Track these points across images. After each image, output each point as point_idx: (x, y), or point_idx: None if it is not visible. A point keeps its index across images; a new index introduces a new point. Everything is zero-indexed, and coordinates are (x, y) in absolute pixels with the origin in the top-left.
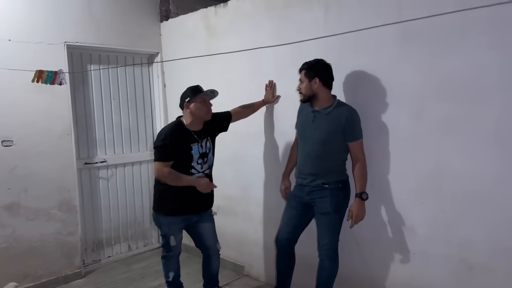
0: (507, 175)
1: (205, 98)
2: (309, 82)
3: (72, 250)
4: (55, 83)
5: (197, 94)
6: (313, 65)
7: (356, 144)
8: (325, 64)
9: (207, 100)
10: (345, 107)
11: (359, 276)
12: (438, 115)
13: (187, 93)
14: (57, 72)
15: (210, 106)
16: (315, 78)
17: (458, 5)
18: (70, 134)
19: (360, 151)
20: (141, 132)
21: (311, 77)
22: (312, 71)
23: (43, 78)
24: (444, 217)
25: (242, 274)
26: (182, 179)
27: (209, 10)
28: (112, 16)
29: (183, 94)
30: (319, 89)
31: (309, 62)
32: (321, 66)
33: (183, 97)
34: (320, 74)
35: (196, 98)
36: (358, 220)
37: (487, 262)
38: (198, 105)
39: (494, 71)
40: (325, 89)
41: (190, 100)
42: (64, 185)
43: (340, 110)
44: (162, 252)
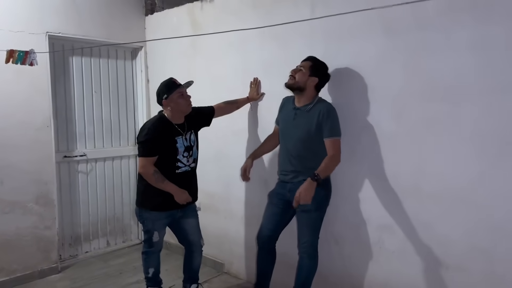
0: (484, 176)
1: (182, 91)
2: (309, 76)
3: (49, 244)
4: (26, 63)
5: (173, 90)
6: (321, 66)
7: (330, 141)
8: (329, 73)
9: (184, 93)
10: (323, 103)
11: (338, 274)
12: (419, 116)
13: (162, 89)
14: (28, 52)
15: (189, 98)
16: (316, 78)
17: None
18: (49, 127)
19: (332, 148)
20: (123, 127)
21: (313, 73)
22: (318, 70)
23: (14, 58)
24: (422, 217)
25: (221, 271)
26: (164, 183)
27: (195, 5)
28: (96, 8)
29: (159, 91)
30: (310, 88)
31: (318, 60)
32: (326, 73)
33: (159, 94)
34: (322, 78)
35: (173, 93)
36: (302, 201)
37: (463, 261)
38: (176, 100)
39: (474, 73)
40: (314, 91)
41: (167, 97)
42: (42, 178)
43: (318, 106)
44: (143, 248)
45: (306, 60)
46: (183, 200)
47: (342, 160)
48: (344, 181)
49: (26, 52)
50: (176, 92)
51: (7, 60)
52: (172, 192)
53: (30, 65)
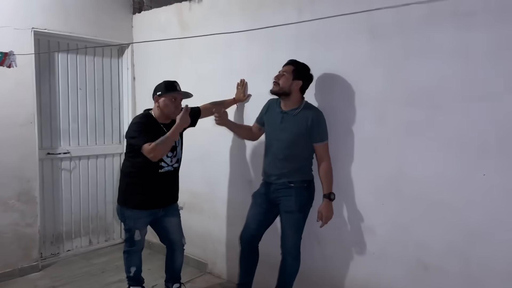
0: (463, 180)
1: (176, 97)
2: (292, 79)
3: (30, 242)
4: (4, 65)
5: (170, 92)
6: (303, 68)
7: (322, 146)
8: (311, 74)
9: (177, 100)
10: (312, 109)
11: (319, 274)
12: (401, 120)
13: (161, 86)
14: (7, 54)
15: (179, 107)
16: (300, 80)
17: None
18: (33, 123)
19: (325, 152)
20: (108, 125)
21: (297, 77)
22: (301, 73)
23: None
24: (403, 219)
25: (205, 271)
26: (168, 137)
27: (184, 5)
28: (84, 5)
29: (157, 87)
30: (295, 91)
31: (300, 62)
32: (309, 74)
33: (156, 89)
34: (305, 80)
35: (168, 94)
36: (328, 220)
37: (441, 262)
38: (167, 101)
39: (455, 79)
40: (299, 94)
41: (161, 94)
42: (24, 175)
43: (306, 111)
44: (125, 247)
45: (288, 65)
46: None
47: None
48: None
49: (5, 53)
50: (171, 95)
51: None
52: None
53: (8, 67)
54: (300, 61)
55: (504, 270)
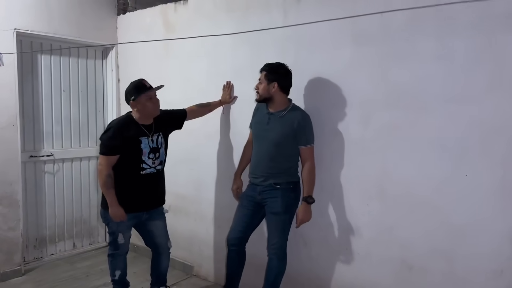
0: (446, 181)
1: (151, 95)
2: (267, 84)
3: (12, 246)
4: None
5: (142, 92)
6: (274, 69)
7: (307, 149)
8: (286, 69)
9: (153, 97)
10: (298, 111)
11: (306, 275)
12: (385, 122)
13: (131, 91)
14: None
15: (157, 102)
16: (274, 82)
17: (408, 24)
18: (15, 125)
19: (310, 155)
20: (92, 127)
21: (270, 80)
22: (273, 75)
23: None
24: (387, 219)
25: (191, 274)
26: (108, 191)
27: (169, 6)
28: (67, 5)
29: (127, 91)
30: (276, 93)
31: (272, 64)
32: (282, 71)
33: (127, 94)
34: (280, 79)
35: (141, 96)
36: (303, 223)
37: (425, 262)
38: (144, 103)
39: (438, 82)
40: (282, 94)
41: (135, 98)
42: (6, 178)
43: (293, 114)
44: (109, 250)
45: (261, 71)
46: (116, 216)
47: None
48: None
49: None
50: (145, 95)
51: None
52: (109, 203)
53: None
54: (272, 62)
55: (487, 269)
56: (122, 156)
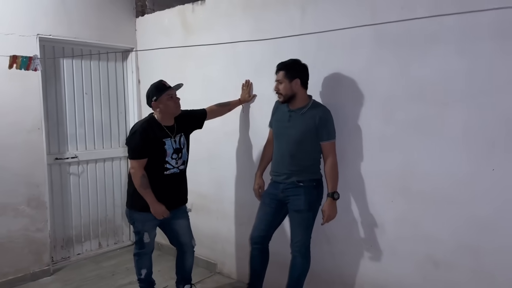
0: (472, 176)
1: (172, 94)
2: (289, 82)
3: (41, 247)
4: (30, 69)
5: (163, 92)
6: (292, 66)
7: (328, 144)
8: (302, 64)
9: (174, 95)
10: (319, 107)
11: (329, 272)
12: (408, 117)
13: (152, 91)
14: (31, 58)
15: (178, 101)
16: (296, 78)
17: (430, 11)
18: (40, 128)
19: (331, 151)
20: (114, 128)
21: (291, 77)
22: (292, 72)
23: (17, 64)
24: (412, 215)
25: (214, 271)
26: (146, 190)
27: (186, 7)
28: (86, 10)
29: (148, 93)
30: (299, 90)
31: (286, 62)
32: (300, 67)
33: (149, 96)
34: (300, 74)
35: (162, 96)
36: (330, 219)
37: (452, 258)
38: (165, 102)
39: (462, 77)
40: (303, 89)
41: (157, 99)
42: (33, 180)
43: (314, 110)
44: (135, 249)
45: (278, 71)
46: (158, 213)
47: None
48: None
49: (29, 57)
50: (166, 94)
51: (10, 65)
52: (149, 202)
53: (34, 71)
54: (285, 61)
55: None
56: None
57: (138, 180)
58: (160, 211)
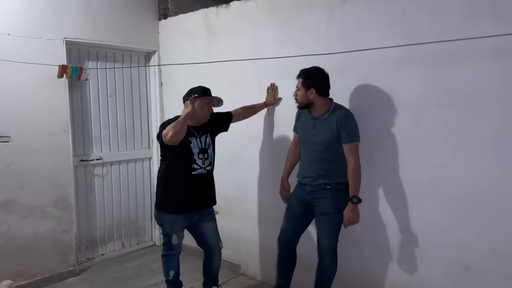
0: (503, 180)
1: (210, 102)
2: (305, 91)
3: (67, 247)
4: (81, 79)
5: (206, 96)
6: (310, 75)
7: (349, 147)
8: (323, 73)
9: (210, 104)
10: (340, 110)
11: (357, 276)
12: (439, 121)
13: (197, 90)
14: (82, 68)
15: (211, 111)
16: (312, 88)
17: (460, 19)
18: (67, 131)
19: (353, 153)
20: (137, 130)
21: (307, 86)
22: (309, 81)
23: (67, 73)
24: (442, 219)
25: (238, 273)
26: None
27: (210, 10)
28: (111, 13)
29: (192, 89)
30: (315, 98)
31: (307, 70)
32: (319, 76)
33: (191, 91)
34: (317, 84)
35: (204, 98)
36: (350, 223)
37: (483, 263)
38: (202, 104)
39: (494, 81)
40: (321, 98)
41: (198, 96)
42: (60, 182)
43: (335, 113)
44: (163, 251)
45: (298, 78)
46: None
47: (362, 165)
48: (364, 185)
49: (80, 68)
50: (206, 98)
51: (60, 75)
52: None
53: (85, 80)
54: (308, 68)
55: None
56: (174, 157)
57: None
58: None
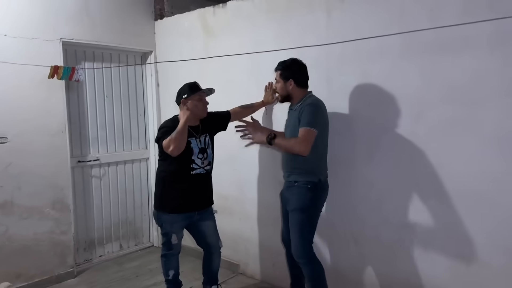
0: (504, 175)
1: (202, 96)
2: (284, 83)
3: (65, 249)
4: (73, 79)
5: (195, 92)
6: (288, 66)
7: (302, 130)
8: (300, 64)
9: (203, 98)
10: (308, 99)
11: (357, 273)
12: (438, 117)
13: (185, 89)
14: (74, 68)
15: (206, 104)
16: (290, 79)
17: (459, 15)
18: (64, 132)
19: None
20: (134, 131)
21: (286, 78)
22: (287, 72)
23: (59, 74)
24: (444, 216)
25: (237, 272)
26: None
27: (207, 10)
28: (108, 14)
29: (180, 90)
30: (294, 90)
31: (285, 62)
32: (297, 67)
33: (180, 93)
34: (295, 75)
35: (194, 95)
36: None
37: (486, 258)
38: (195, 102)
39: (493, 77)
40: (300, 89)
41: (187, 97)
42: (58, 183)
43: (303, 104)
44: (162, 251)
45: (276, 70)
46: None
47: (360, 161)
48: (362, 182)
49: (72, 68)
50: (197, 95)
51: (51, 75)
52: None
53: (76, 81)
54: (285, 60)
55: None
56: (173, 157)
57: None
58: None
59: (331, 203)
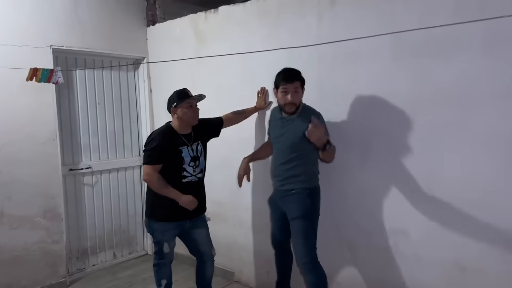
0: (498, 180)
1: (192, 103)
2: (303, 92)
3: (57, 259)
4: (51, 82)
5: (184, 99)
6: (301, 75)
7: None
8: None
9: (194, 105)
10: (310, 111)
11: (352, 280)
12: (431, 121)
13: (173, 97)
14: (53, 70)
15: (197, 111)
16: (303, 88)
17: (450, 19)
18: (55, 140)
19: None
20: (127, 138)
21: (302, 87)
22: (303, 82)
23: (37, 77)
24: (437, 220)
25: (232, 280)
26: (168, 189)
27: (199, 15)
28: (99, 20)
29: (170, 98)
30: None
31: (298, 72)
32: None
33: (169, 102)
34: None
35: (183, 103)
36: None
37: (480, 264)
38: (184, 110)
39: (486, 80)
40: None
41: (176, 105)
42: (49, 192)
43: (305, 115)
44: (154, 260)
45: (294, 81)
46: (188, 203)
47: (353, 166)
48: (355, 187)
49: (51, 70)
50: (186, 102)
51: (29, 78)
52: (176, 197)
53: (55, 84)
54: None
55: None
56: (164, 165)
57: (155, 184)
58: (189, 200)
59: (324, 209)
